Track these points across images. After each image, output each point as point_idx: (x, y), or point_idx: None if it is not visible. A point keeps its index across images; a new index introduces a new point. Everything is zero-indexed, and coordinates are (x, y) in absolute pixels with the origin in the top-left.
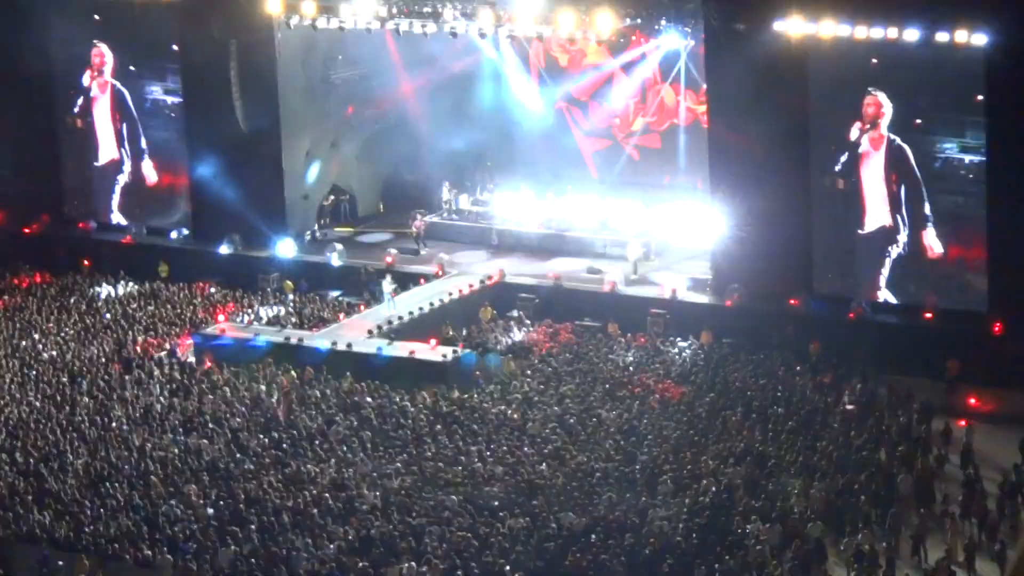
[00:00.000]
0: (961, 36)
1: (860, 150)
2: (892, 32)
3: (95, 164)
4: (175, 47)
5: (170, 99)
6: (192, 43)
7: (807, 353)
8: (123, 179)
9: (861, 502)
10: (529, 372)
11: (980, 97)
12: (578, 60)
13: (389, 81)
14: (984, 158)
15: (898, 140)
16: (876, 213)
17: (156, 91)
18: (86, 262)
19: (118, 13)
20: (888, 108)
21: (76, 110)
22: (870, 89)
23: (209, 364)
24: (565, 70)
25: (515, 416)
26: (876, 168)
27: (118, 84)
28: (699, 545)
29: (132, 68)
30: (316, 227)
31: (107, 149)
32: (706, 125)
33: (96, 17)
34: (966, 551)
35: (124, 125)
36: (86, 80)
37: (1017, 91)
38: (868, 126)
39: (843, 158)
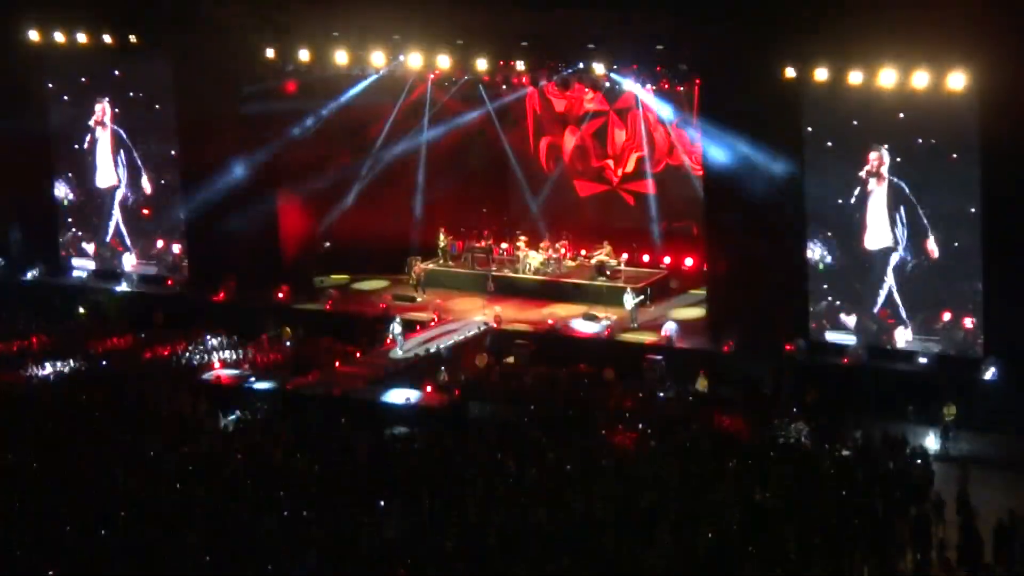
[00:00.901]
0: (955, 81)
1: (867, 192)
2: (888, 76)
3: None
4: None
5: (166, 146)
6: (187, 89)
7: (803, 399)
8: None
9: (858, 547)
10: (526, 418)
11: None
12: (574, 106)
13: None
14: (979, 205)
15: (895, 179)
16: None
17: (152, 139)
18: (81, 310)
19: (114, 62)
20: (887, 158)
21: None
22: (874, 145)
23: None
24: (561, 116)
25: (511, 463)
26: (879, 204)
27: (120, 131)
28: None
29: (130, 116)
30: (311, 274)
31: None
32: (700, 169)
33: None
34: None
35: (124, 166)
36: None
37: (1011, 137)
38: (872, 175)
39: (852, 198)
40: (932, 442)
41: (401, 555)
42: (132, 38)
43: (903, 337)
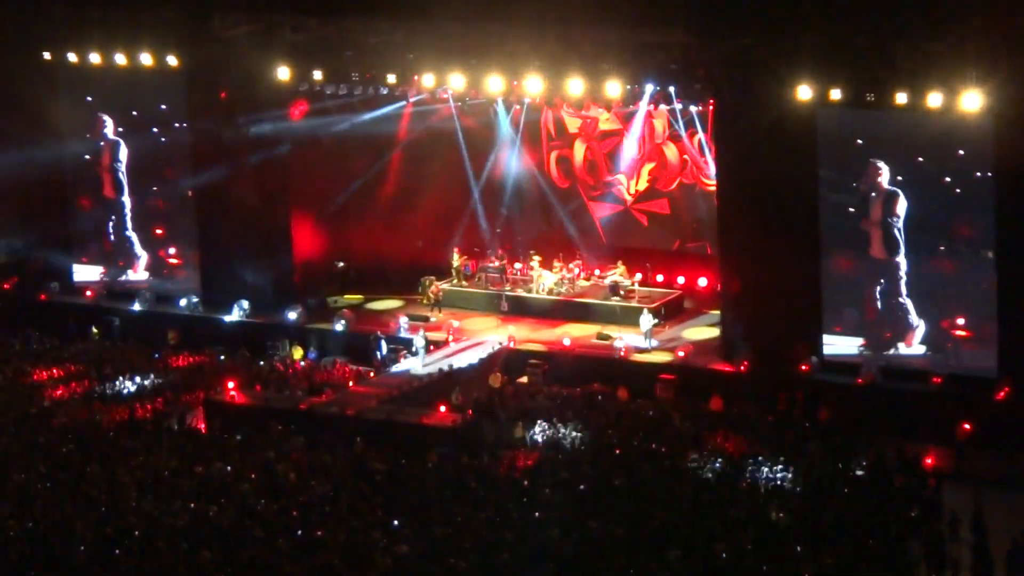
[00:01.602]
0: (970, 101)
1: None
2: (902, 97)
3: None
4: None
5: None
6: (200, 110)
7: (816, 418)
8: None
9: (871, 567)
10: (539, 437)
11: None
12: (589, 127)
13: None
14: (993, 223)
15: (893, 188)
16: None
17: (165, 155)
18: (95, 329)
19: (127, 83)
20: (886, 170)
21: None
22: (871, 160)
23: None
24: (575, 137)
25: (525, 482)
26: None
27: (129, 147)
28: None
29: (141, 133)
30: (324, 294)
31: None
32: (713, 187)
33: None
34: None
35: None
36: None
37: None
38: (869, 188)
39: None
40: (946, 461)
41: (414, 573)
42: (145, 58)
43: (911, 351)
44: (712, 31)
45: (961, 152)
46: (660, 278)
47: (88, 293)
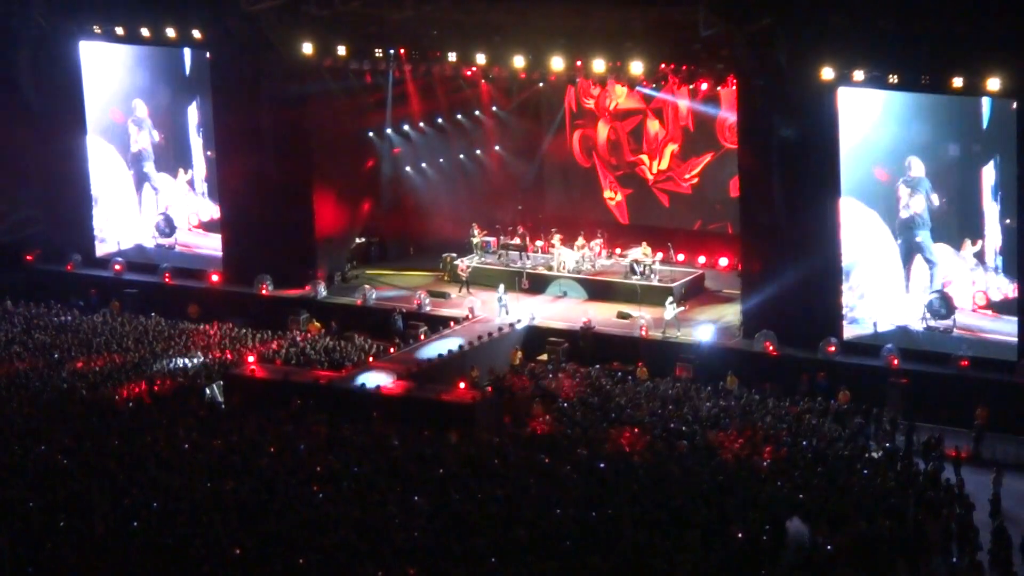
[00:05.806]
0: (993, 85)
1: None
2: (926, 80)
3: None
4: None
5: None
6: (224, 86)
7: (836, 400)
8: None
9: (889, 550)
10: (558, 416)
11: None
12: (610, 105)
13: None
14: (1015, 209)
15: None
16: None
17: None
18: (116, 304)
19: (154, 59)
20: (920, 167)
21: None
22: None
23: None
24: (599, 117)
25: (544, 460)
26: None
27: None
28: None
29: (165, 108)
30: (347, 268)
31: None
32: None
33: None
34: None
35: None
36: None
37: None
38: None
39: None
40: (965, 445)
41: (430, 550)
42: (170, 32)
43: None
44: (736, 11)
45: (983, 136)
46: (681, 257)
47: (117, 268)
